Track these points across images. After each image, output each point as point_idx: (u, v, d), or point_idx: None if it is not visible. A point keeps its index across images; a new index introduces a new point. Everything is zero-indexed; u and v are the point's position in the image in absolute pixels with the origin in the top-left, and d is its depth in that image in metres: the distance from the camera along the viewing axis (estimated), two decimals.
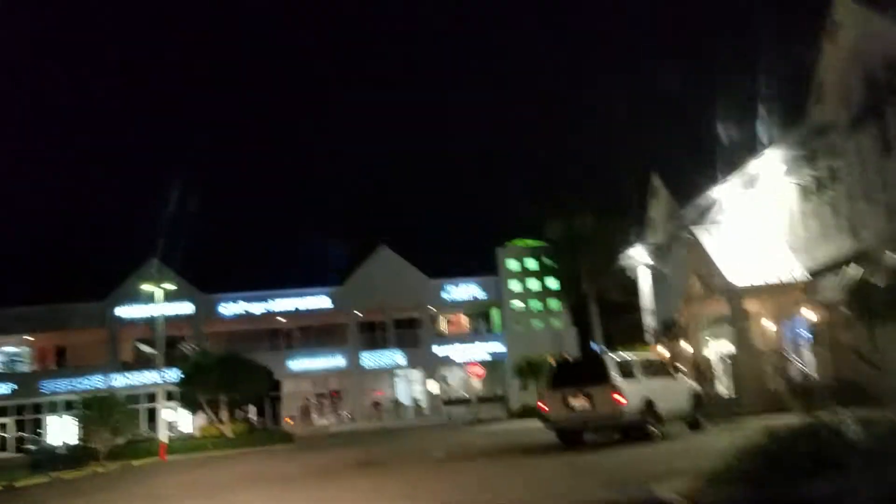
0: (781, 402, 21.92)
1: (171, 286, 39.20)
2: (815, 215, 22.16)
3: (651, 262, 34.53)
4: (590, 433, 15.37)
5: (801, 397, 21.46)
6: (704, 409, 17.72)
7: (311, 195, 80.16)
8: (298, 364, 47.08)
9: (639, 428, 14.64)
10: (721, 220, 25.51)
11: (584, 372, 15.30)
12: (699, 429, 17.10)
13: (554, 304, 49.02)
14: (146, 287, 38.35)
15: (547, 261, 48.77)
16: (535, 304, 49.22)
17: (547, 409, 15.39)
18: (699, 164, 28.66)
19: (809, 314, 22.96)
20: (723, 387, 24.61)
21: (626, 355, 16.44)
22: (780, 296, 23.09)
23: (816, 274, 22.09)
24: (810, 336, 23.61)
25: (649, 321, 36.22)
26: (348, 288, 47.88)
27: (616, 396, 14.30)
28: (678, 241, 30.07)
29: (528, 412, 39.57)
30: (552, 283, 48.98)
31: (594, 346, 33.14)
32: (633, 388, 14.70)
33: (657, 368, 16.48)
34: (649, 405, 14.90)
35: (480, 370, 36.69)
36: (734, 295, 22.75)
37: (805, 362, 23.67)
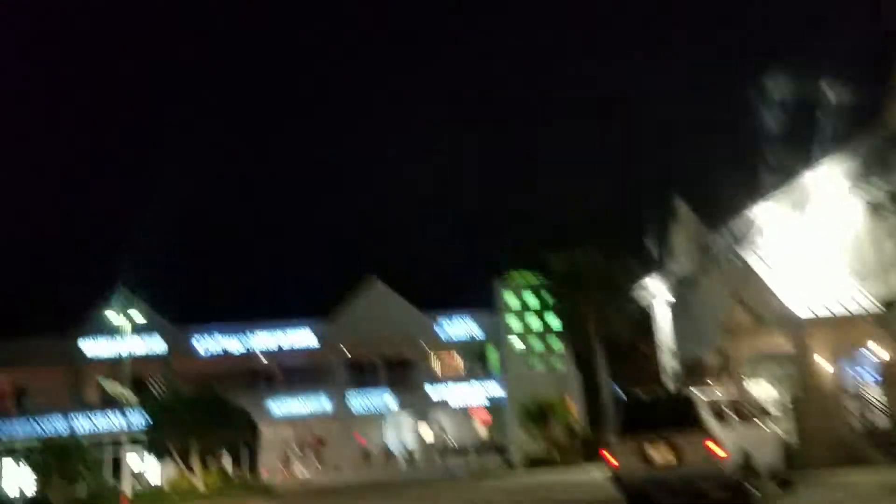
0: (855, 453, 18.76)
1: (140, 318, 35.63)
2: (890, 236, 19.21)
3: (671, 296, 31.44)
4: (668, 496, 11.85)
5: (883, 447, 18.33)
6: (796, 461, 14.40)
7: (298, 223, 76.57)
8: (279, 407, 43.18)
9: (737, 489, 11.28)
10: (764, 243, 22.52)
11: (664, 414, 11.93)
12: (790, 487, 13.78)
13: (556, 343, 45.60)
14: (113, 319, 34.76)
15: (548, 297, 45.51)
16: (536, 344, 45.78)
17: (615, 462, 11.95)
18: (732, 182, 25.86)
19: (879, 351, 19.93)
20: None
21: (715, 392, 13.13)
22: (844, 329, 20.01)
23: (890, 304, 19.09)
24: (878, 376, 20.57)
25: (668, 361, 33.01)
26: (335, 323, 44.25)
27: (712, 447, 10.98)
28: (709, 268, 27.05)
29: (537, 463, 36.15)
30: (554, 321, 45.63)
31: (615, 388, 29.93)
32: (729, 437, 11.40)
33: (743, 411, 13.15)
34: (747, 458, 11.59)
35: (486, 415, 33.11)
36: (796, 327, 19.61)
37: (872, 406, 20.58)
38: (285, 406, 43.28)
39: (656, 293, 32.94)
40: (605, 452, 12.55)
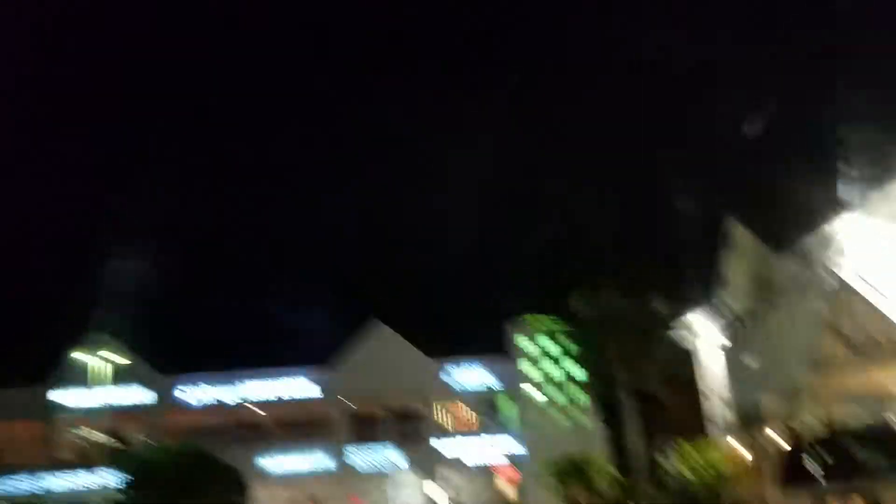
0: None
1: (121, 364, 31.87)
2: None
3: (723, 336, 27.93)
4: None
5: None
6: None
7: (296, 264, 72.44)
8: (274, 464, 38.91)
9: None
10: (856, 261, 19.17)
11: (850, 457, 8.32)
12: None
13: (579, 394, 41.73)
14: (91, 367, 30.96)
15: (569, 343, 41.85)
16: (557, 395, 41.90)
17: None
18: (803, 197, 22.62)
19: None
20: None
21: None
22: None
23: None
24: None
25: (717, 410, 29.30)
26: (336, 372, 40.35)
27: None
28: (777, 298, 23.62)
29: None
30: (575, 370, 41.87)
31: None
32: None
33: None
34: None
35: (513, 472, 29.08)
36: None
37: None
38: (280, 463, 39.07)
39: (702, 334, 29.42)
40: None
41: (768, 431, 25.46)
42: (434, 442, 40.23)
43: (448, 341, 42.54)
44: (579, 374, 41.51)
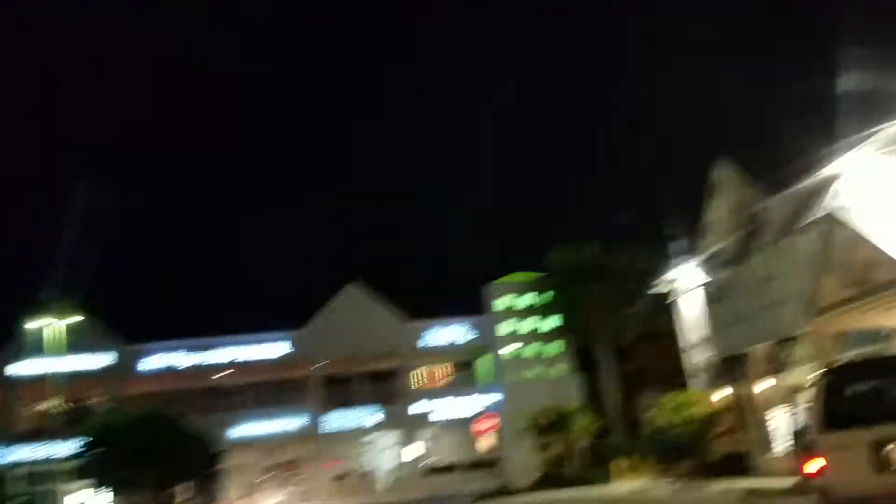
0: None
1: (81, 330, 30.30)
2: None
3: (707, 283, 26.96)
4: None
5: None
6: None
7: (269, 224, 70.65)
8: (246, 429, 37.70)
9: None
10: (855, 199, 18.19)
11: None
12: None
13: (554, 347, 40.94)
14: (50, 332, 29.36)
15: (545, 296, 40.92)
16: (532, 349, 41.07)
17: (830, 469, 7.26)
18: (797, 134, 21.55)
19: None
20: None
21: None
22: None
23: None
24: None
25: (696, 359, 28.54)
26: (310, 333, 39.02)
27: None
28: (769, 240, 22.70)
29: (550, 482, 31.58)
30: (552, 322, 41.01)
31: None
32: None
33: None
34: None
35: (492, 421, 28.04)
36: None
37: None
38: (252, 428, 37.87)
39: (684, 283, 28.50)
40: (805, 456, 7.79)
41: (754, 381, 24.79)
42: (410, 402, 39.27)
43: (426, 303, 41.54)
44: (556, 327, 40.68)
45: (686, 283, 28.45)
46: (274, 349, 38.63)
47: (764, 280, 23.06)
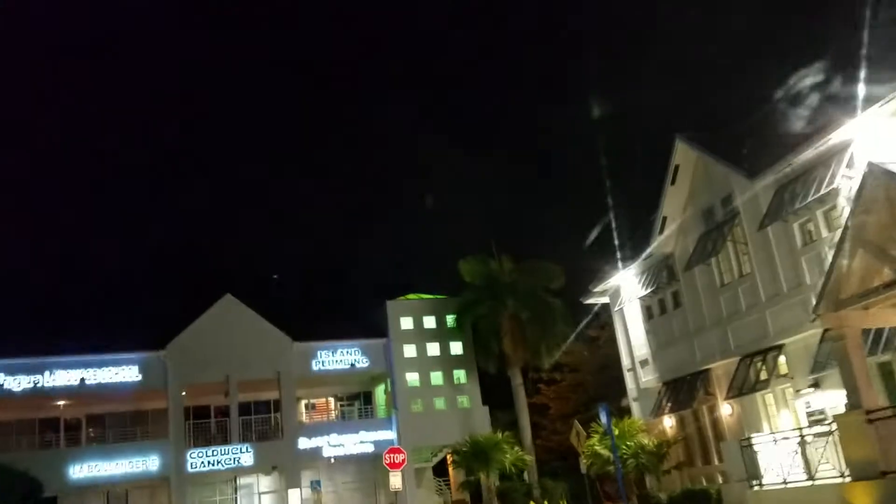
0: None
1: None
2: None
3: (655, 288, 23.12)
4: None
5: None
6: None
7: (132, 233, 62.78)
8: (87, 469, 30.73)
9: None
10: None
11: None
12: None
13: (462, 374, 36.34)
14: None
15: (452, 321, 36.38)
16: (438, 376, 36.28)
17: None
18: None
19: None
20: None
21: None
22: None
23: None
24: None
25: (641, 380, 24.65)
26: (172, 354, 32.68)
27: None
28: (740, 229, 19.07)
29: None
30: (457, 348, 36.49)
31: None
32: None
33: None
34: None
35: (402, 457, 22.94)
36: None
37: None
38: (98, 468, 30.89)
39: (626, 292, 24.69)
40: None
41: (717, 403, 20.98)
42: (296, 436, 33.48)
43: (317, 324, 36.06)
44: (461, 352, 36.18)
45: (629, 293, 24.63)
46: (125, 373, 31.99)
47: (736, 281, 19.45)
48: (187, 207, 71.47)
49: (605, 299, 26.53)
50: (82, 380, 31.52)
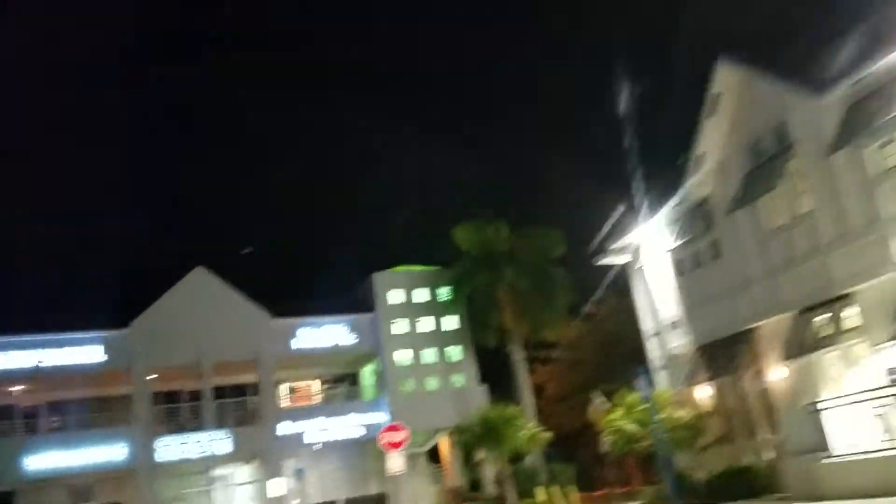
0: None
1: None
2: None
3: (687, 240, 20.33)
4: None
5: None
6: None
7: (89, 197, 58.58)
8: (46, 461, 27.50)
9: None
10: None
11: None
12: None
13: (457, 351, 33.52)
14: None
15: (446, 294, 33.54)
16: (429, 355, 33.43)
17: None
18: None
19: None
20: None
21: None
22: None
23: None
24: None
25: (667, 346, 21.92)
26: (138, 332, 29.49)
27: None
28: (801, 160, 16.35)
29: None
30: (453, 322, 33.63)
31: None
32: None
33: None
34: None
35: (403, 433, 20.07)
36: None
37: None
38: (58, 458, 27.66)
39: (648, 248, 21.95)
40: None
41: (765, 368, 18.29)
42: (276, 421, 30.47)
43: (299, 299, 33.04)
44: (456, 327, 33.33)
45: (653, 249, 21.87)
46: (86, 354, 28.76)
47: (791, 223, 16.76)
48: (153, 175, 67.51)
49: (622, 260, 23.72)
50: (39, 362, 28.38)
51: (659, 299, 22.06)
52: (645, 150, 21.74)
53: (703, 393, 20.26)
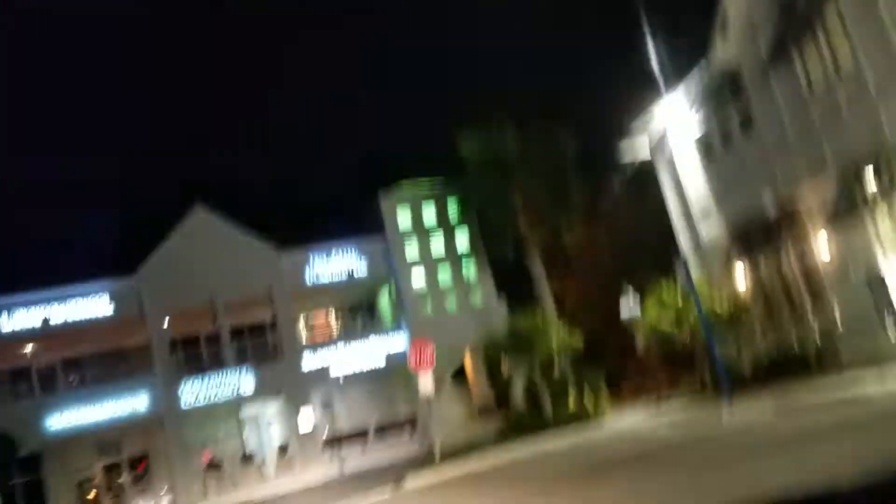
0: None
1: None
2: None
3: (717, 112, 19.04)
4: None
5: None
6: None
7: (79, 135, 56.30)
8: (67, 418, 26.90)
9: None
10: None
11: None
12: None
13: (471, 269, 32.56)
14: None
15: (457, 208, 32.39)
16: (445, 275, 32.49)
17: None
18: None
19: None
20: None
21: None
22: None
23: None
24: None
25: (700, 232, 20.86)
26: (145, 279, 28.54)
27: None
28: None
29: (525, 428, 23.00)
30: (464, 238, 32.60)
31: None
32: None
33: None
34: None
35: (429, 349, 19.26)
36: None
37: None
38: (80, 415, 27.04)
39: (674, 128, 20.65)
40: None
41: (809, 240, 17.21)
42: (298, 357, 29.74)
43: (302, 228, 31.94)
44: (469, 243, 32.30)
45: (678, 128, 20.56)
46: (94, 306, 27.85)
47: (832, 80, 15.41)
48: (140, 116, 65.24)
49: (643, 155, 22.42)
50: (46, 319, 27.51)
51: (688, 188, 20.88)
52: (663, 20, 20.12)
53: (742, 277, 19.29)
